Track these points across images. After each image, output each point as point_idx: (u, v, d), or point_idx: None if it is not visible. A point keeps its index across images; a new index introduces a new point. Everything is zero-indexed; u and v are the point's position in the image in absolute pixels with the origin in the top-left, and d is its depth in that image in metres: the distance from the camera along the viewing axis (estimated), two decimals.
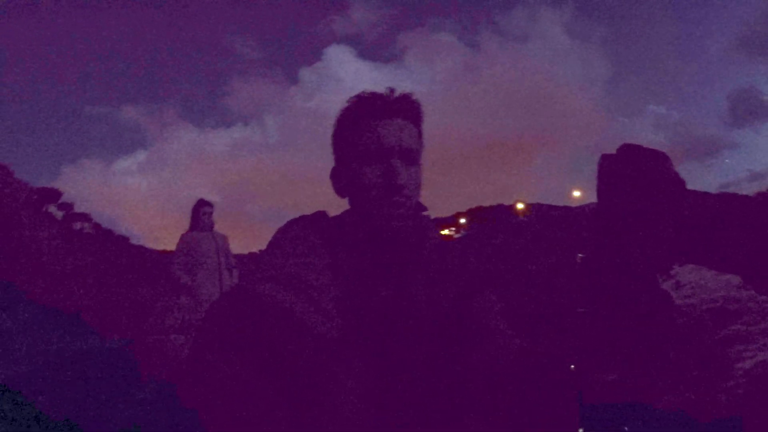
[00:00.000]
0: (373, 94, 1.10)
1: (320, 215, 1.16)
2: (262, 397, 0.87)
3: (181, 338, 4.93)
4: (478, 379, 1.05)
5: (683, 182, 10.72)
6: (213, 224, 5.12)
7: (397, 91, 1.12)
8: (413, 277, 1.09)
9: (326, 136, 1.17)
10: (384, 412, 0.95)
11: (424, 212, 1.13)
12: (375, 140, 1.07)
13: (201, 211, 5.03)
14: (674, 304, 7.64)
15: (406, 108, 1.12)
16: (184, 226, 5.28)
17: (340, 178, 1.14)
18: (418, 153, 1.13)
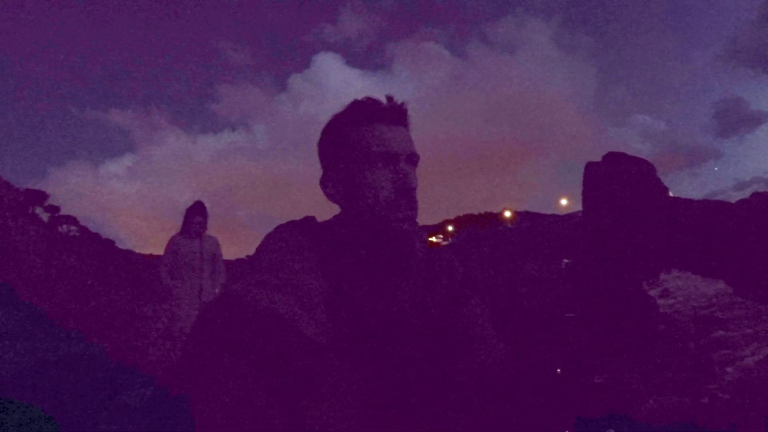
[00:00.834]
0: (374, 100, 1.10)
1: (309, 220, 1.15)
2: (254, 401, 0.87)
3: (168, 343, 4.90)
4: (466, 384, 1.06)
5: (666, 190, 10.84)
6: (204, 229, 5.09)
7: (395, 99, 1.11)
8: (402, 283, 1.10)
9: (314, 142, 1.17)
10: (374, 416, 0.96)
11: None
12: (384, 146, 1.06)
13: (192, 218, 5.01)
14: (659, 310, 7.70)
15: (405, 116, 1.12)
16: (171, 229, 5.25)
17: (335, 184, 1.12)
18: (418, 160, 1.12)
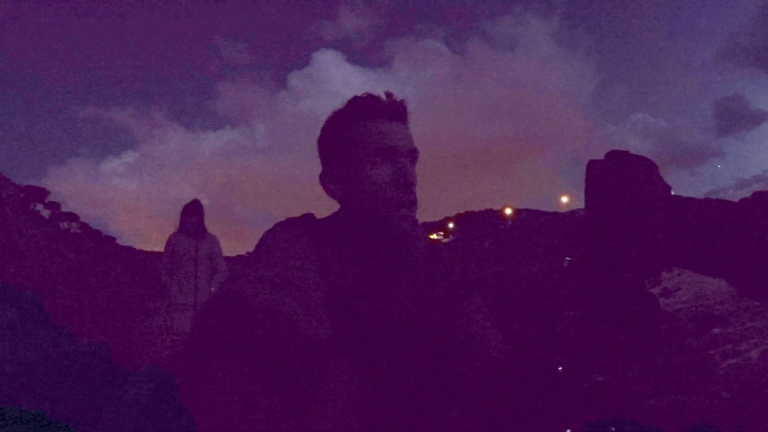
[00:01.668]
0: (374, 96, 1.09)
1: (308, 217, 1.15)
2: (254, 398, 0.87)
3: (168, 340, 4.88)
4: (465, 381, 1.06)
5: (669, 188, 10.82)
6: (201, 228, 5.06)
7: (395, 96, 1.11)
8: (402, 280, 1.10)
9: (315, 140, 1.16)
10: (374, 413, 0.96)
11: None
12: (384, 142, 1.06)
13: (187, 218, 4.99)
14: (660, 309, 7.70)
15: (405, 112, 1.12)
16: (171, 227, 5.25)
17: (334, 180, 1.12)
18: (417, 156, 1.13)
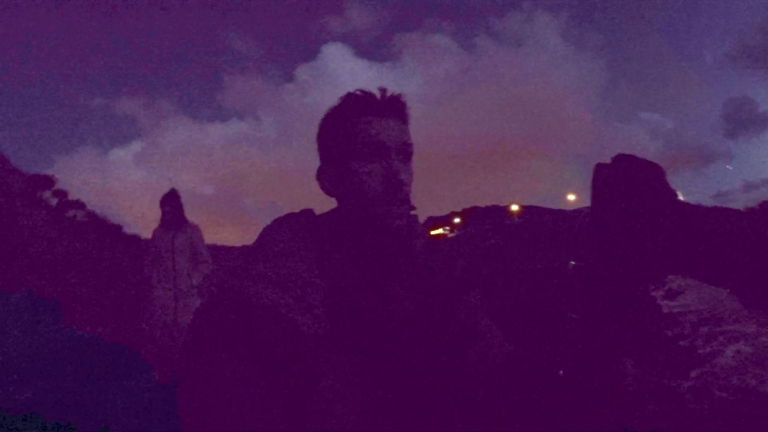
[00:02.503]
0: (366, 92, 1.08)
1: (308, 213, 1.15)
2: (252, 396, 0.86)
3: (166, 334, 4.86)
4: (465, 379, 1.06)
5: (674, 193, 10.79)
6: (177, 219, 5.00)
7: (389, 91, 1.10)
8: (401, 277, 1.09)
9: None
10: (373, 411, 0.95)
11: (412, 211, 1.11)
12: (373, 138, 1.05)
13: (162, 209, 4.96)
14: (662, 314, 7.68)
15: (399, 108, 1.10)
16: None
17: (330, 177, 1.11)
18: (413, 152, 1.11)
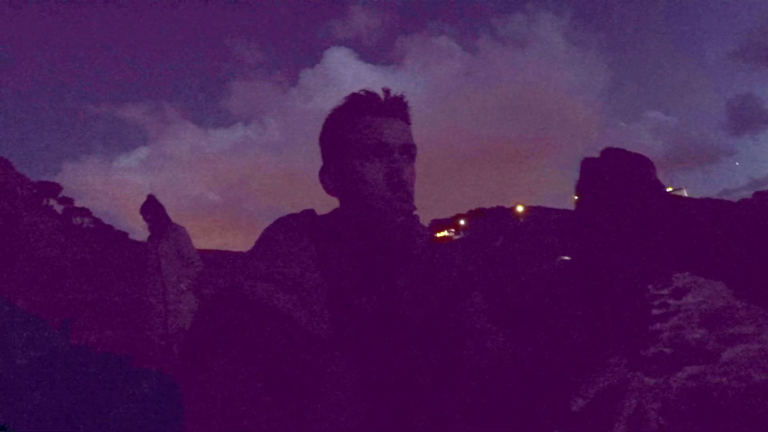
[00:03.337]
0: (370, 93, 1.09)
1: (308, 213, 1.14)
2: (254, 396, 0.86)
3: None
4: (464, 378, 1.05)
5: (662, 187, 10.69)
6: (158, 226, 4.91)
7: (392, 92, 1.10)
8: (402, 277, 1.09)
9: None
10: (374, 410, 0.96)
11: (413, 212, 1.11)
12: (376, 138, 1.05)
13: (144, 217, 4.88)
14: (652, 311, 7.63)
15: (402, 108, 1.11)
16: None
17: (332, 177, 1.11)
18: (415, 152, 1.12)
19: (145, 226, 4.91)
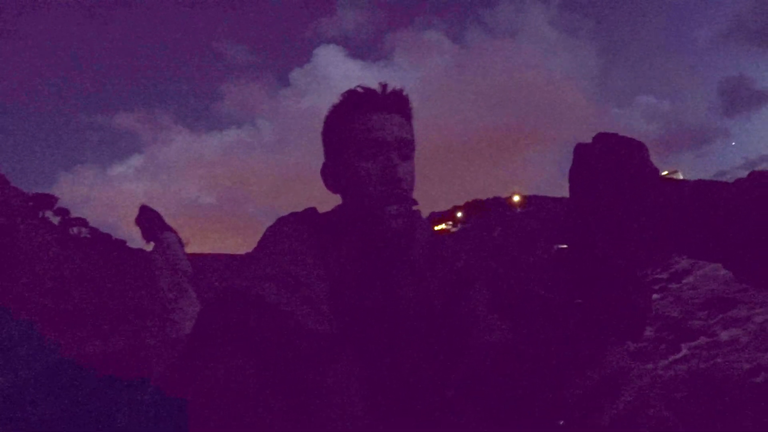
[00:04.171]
0: (366, 89, 1.09)
1: (310, 212, 1.15)
2: (257, 394, 0.87)
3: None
4: (467, 371, 1.05)
5: (657, 171, 10.67)
6: (150, 236, 4.91)
7: (390, 87, 1.10)
8: (403, 273, 1.09)
9: (319, 135, 1.16)
10: (377, 407, 0.95)
11: (415, 207, 1.11)
12: (371, 134, 1.05)
13: (140, 227, 4.89)
14: (650, 296, 7.62)
15: (400, 103, 1.11)
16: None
17: (332, 173, 1.12)
18: (413, 147, 1.12)
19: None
